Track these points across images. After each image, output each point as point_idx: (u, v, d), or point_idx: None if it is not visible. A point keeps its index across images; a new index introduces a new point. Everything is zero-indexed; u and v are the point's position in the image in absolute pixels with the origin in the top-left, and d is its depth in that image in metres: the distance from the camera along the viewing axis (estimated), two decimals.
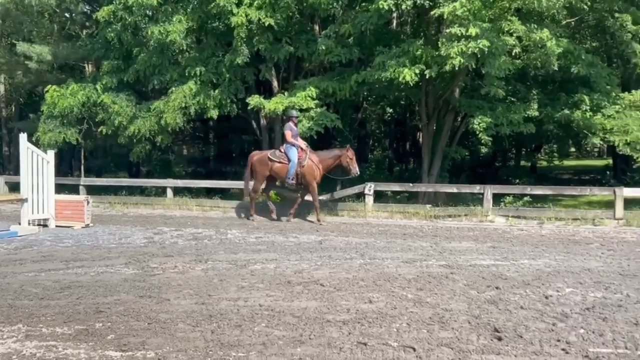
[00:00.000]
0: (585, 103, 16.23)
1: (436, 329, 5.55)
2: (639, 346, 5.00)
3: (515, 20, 14.17)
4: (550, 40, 14.12)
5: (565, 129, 19.73)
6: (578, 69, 15.38)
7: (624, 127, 15.88)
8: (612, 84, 16.90)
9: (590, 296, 6.73)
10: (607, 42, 20.10)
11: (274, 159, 14.01)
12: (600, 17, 17.30)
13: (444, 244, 10.69)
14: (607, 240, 11.09)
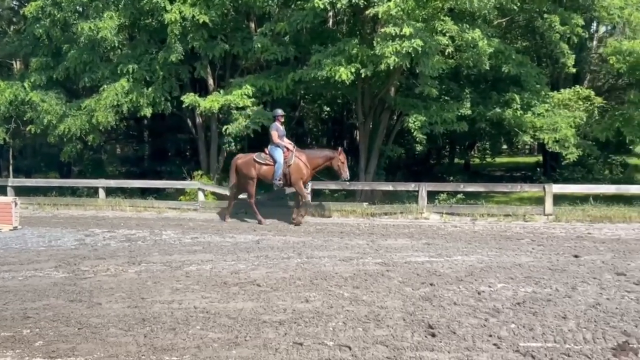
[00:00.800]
0: (516, 102, 16.68)
1: (372, 327, 5.59)
2: (567, 340, 5.15)
3: (448, 20, 14.41)
4: (482, 40, 14.44)
5: (497, 127, 20.19)
6: (509, 69, 15.77)
7: (553, 125, 16.39)
8: (541, 83, 17.41)
9: (521, 291, 6.91)
10: (537, 42, 20.69)
11: (260, 161, 13.52)
12: (530, 18, 17.80)
13: (380, 241, 10.78)
14: (537, 235, 11.40)
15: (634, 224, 12.64)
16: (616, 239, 10.89)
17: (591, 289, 6.96)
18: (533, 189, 15.70)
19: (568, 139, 16.18)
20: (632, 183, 19.27)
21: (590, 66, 23.59)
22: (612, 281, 7.35)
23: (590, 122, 17.73)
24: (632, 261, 8.65)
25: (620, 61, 16.45)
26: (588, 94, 17.82)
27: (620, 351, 4.82)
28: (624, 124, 16.73)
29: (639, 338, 5.14)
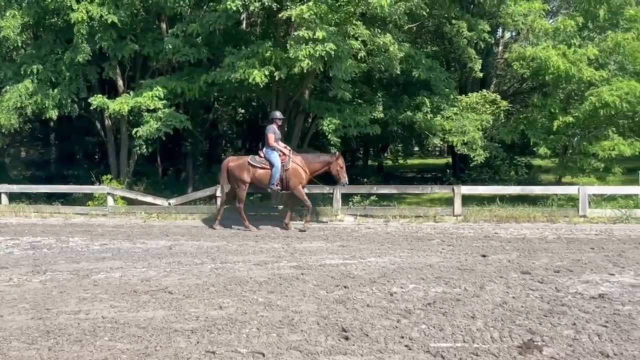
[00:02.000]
0: (426, 105, 17.10)
1: (286, 332, 5.55)
2: (475, 339, 5.28)
3: (360, 24, 14.61)
4: (393, 45, 14.72)
5: (408, 130, 20.63)
6: (419, 73, 16.13)
7: (462, 128, 16.90)
8: (450, 87, 17.95)
9: (432, 291, 7.04)
10: (446, 47, 21.28)
11: (255, 164, 13.01)
12: (439, 23, 18.30)
13: (296, 244, 10.78)
14: (447, 236, 11.70)
15: (538, 223, 13.17)
16: (521, 238, 11.31)
17: (498, 288, 7.18)
18: (443, 190, 16.11)
19: (476, 141, 16.72)
20: (536, 184, 20.11)
21: (497, 71, 24.50)
22: (518, 280, 7.61)
23: (496, 125, 18.40)
24: (537, 260, 9.00)
25: (524, 66, 17.16)
26: (494, 97, 18.48)
27: (525, 349, 4.98)
28: (528, 126, 17.45)
29: (543, 335, 5.33)
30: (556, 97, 17.41)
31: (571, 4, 19.54)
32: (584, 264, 8.62)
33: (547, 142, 16.96)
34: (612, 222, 13.05)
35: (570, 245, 10.31)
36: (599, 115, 15.91)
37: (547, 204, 15.08)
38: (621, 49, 16.18)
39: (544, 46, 16.37)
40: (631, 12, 16.67)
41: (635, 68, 16.70)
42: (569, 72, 15.75)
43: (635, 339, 5.23)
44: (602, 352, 4.90)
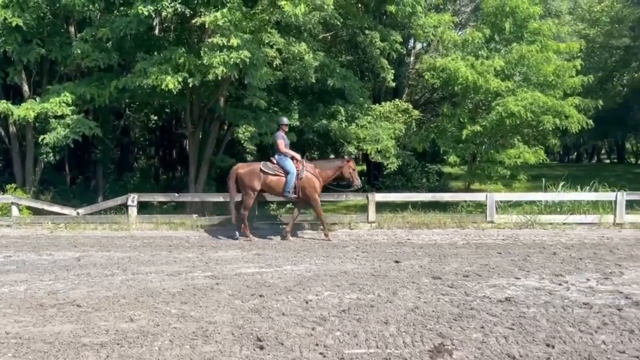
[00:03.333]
0: (341, 114, 17.33)
1: (199, 344, 5.46)
2: (388, 344, 5.35)
3: (275, 32, 14.65)
4: (308, 53, 14.83)
5: (324, 138, 20.84)
6: (334, 82, 16.32)
7: (375, 136, 17.21)
8: (364, 96, 18.25)
9: (347, 298, 7.10)
10: (360, 56, 21.63)
11: (267, 171, 12.44)
12: (353, 34, 18.58)
13: (211, 254, 10.63)
14: (361, 242, 11.85)
15: (448, 229, 13.55)
16: (433, 244, 11.59)
17: (410, 293, 7.32)
18: (357, 198, 16.28)
19: (389, 149, 17.08)
20: (446, 191, 20.75)
21: (409, 81, 25.13)
22: (429, 285, 7.79)
23: (408, 133, 18.86)
24: (447, 265, 9.24)
25: (434, 76, 17.66)
26: (407, 107, 18.95)
27: (436, 353, 5.10)
28: (439, 135, 17.95)
29: (453, 339, 5.47)
30: (465, 106, 18.00)
31: (479, 16, 20.28)
32: (491, 268, 8.92)
33: (457, 150, 17.49)
34: (518, 228, 13.59)
35: (478, 251, 10.65)
36: (505, 124, 16.56)
37: (457, 210, 15.55)
38: (526, 60, 16.93)
39: (453, 57, 16.92)
40: (535, 25, 17.48)
41: (539, 79, 17.50)
42: (477, 82, 16.33)
43: (540, 340, 5.44)
44: (509, 354, 5.07)
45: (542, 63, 17.03)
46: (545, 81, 17.36)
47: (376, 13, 18.83)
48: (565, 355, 5.03)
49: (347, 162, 12.88)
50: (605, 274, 8.45)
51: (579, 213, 14.12)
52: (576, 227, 13.40)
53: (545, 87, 17.38)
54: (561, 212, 14.35)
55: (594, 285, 7.70)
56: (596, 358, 4.95)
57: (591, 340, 5.42)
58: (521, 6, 16.96)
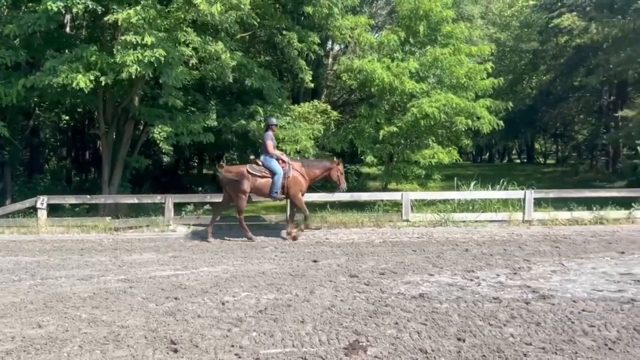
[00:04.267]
0: (259, 114, 17.25)
1: (111, 349, 5.31)
2: (304, 343, 5.37)
3: (191, 31, 14.42)
4: (225, 53, 14.69)
5: (243, 139, 20.66)
6: (252, 82, 16.23)
7: (294, 136, 17.23)
8: (282, 96, 18.23)
9: (264, 298, 7.08)
10: (278, 57, 21.65)
11: (255, 173, 12.26)
12: (271, 34, 18.52)
13: (124, 257, 10.36)
14: (280, 242, 11.85)
15: (365, 228, 13.73)
16: (350, 242, 11.72)
17: (327, 291, 7.37)
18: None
19: (308, 150, 17.13)
20: (364, 190, 21.01)
21: (327, 82, 25.33)
22: (346, 283, 7.87)
23: (327, 134, 18.96)
24: (364, 263, 9.36)
25: (351, 78, 17.84)
26: (325, 107, 19.06)
27: (351, 350, 5.15)
28: (357, 136, 18.13)
29: (368, 336, 5.54)
30: (382, 108, 18.25)
31: (394, 19, 20.65)
32: (406, 265, 9.10)
33: (374, 150, 17.72)
34: (432, 226, 13.91)
35: (394, 248, 10.84)
36: (420, 125, 16.90)
37: (374, 210, 15.76)
38: (439, 63, 17.33)
39: (370, 59, 17.14)
40: (448, 28, 17.93)
41: (452, 81, 17.95)
42: (393, 84, 16.60)
43: (451, 334, 5.59)
44: (422, 349, 5.18)
45: (455, 65, 17.48)
46: (458, 83, 17.83)
47: (294, 14, 18.86)
48: (475, 349, 5.18)
49: (336, 164, 12.91)
50: (514, 269, 8.77)
51: (490, 211, 14.60)
52: (487, 225, 13.84)
53: (458, 89, 17.84)
54: (473, 211, 14.81)
55: (504, 280, 7.98)
56: (504, 350, 5.12)
57: (500, 334, 5.61)
58: (435, 10, 17.36)
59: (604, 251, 10.25)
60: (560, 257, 9.70)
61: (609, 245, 10.94)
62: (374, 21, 23.02)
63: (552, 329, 5.74)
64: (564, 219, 14.04)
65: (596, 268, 8.78)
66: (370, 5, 26.32)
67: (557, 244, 11.07)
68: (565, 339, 5.43)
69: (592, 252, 10.14)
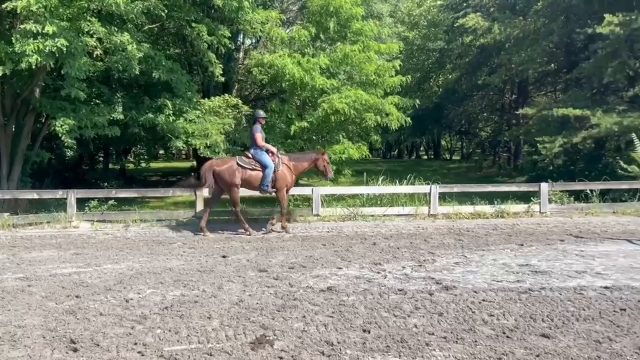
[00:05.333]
0: (168, 108, 16.86)
1: (6, 349, 5.09)
2: (210, 339, 5.31)
3: (95, 21, 13.92)
4: (131, 44, 14.28)
5: (151, 132, 20.13)
6: (159, 75, 15.83)
7: (204, 131, 16.97)
8: (192, 90, 17.88)
9: (170, 295, 6.95)
10: (188, 50, 21.24)
11: (245, 166, 12.19)
12: (180, 26, 18.14)
13: (23, 254, 9.92)
14: (189, 238, 11.66)
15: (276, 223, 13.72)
16: (260, 237, 11.70)
17: (235, 287, 7.32)
18: (185, 193, 15.99)
19: (218, 144, 16.92)
20: None
21: (238, 76, 25.10)
22: (255, 278, 7.85)
23: (238, 129, 18.81)
24: (274, 258, 9.36)
25: (262, 73, 17.79)
26: (236, 102, 18.87)
27: (258, 344, 5.14)
28: (268, 130, 18.04)
29: (275, 330, 5.55)
30: (293, 103, 18.31)
31: (305, 15, 20.71)
32: (315, 259, 9.18)
33: (286, 145, 17.72)
34: (342, 220, 14.07)
35: (304, 243, 10.91)
36: (330, 121, 17.07)
37: None
38: (349, 59, 17.54)
39: (281, 54, 17.15)
40: (357, 25, 18.17)
41: (362, 78, 18.22)
42: (304, 79, 16.67)
43: (357, 326, 5.67)
44: (328, 341, 5.23)
45: (365, 62, 17.74)
46: (368, 80, 18.11)
47: (203, 6, 18.51)
48: (379, 339, 5.28)
49: (321, 154, 12.99)
50: (419, 261, 9.01)
51: (397, 205, 14.93)
52: (395, 219, 14.13)
53: (368, 85, 18.13)
54: (381, 205, 15.10)
55: (409, 273, 8.18)
56: (408, 340, 5.24)
57: (404, 324, 5.74)
58: (344, 7, 17.54)
59: (504, 243, 10.69)
60: (463, 250, 10.04)
61: (509, 237, 11.42)
62: (285, 16, 23.00)
63: (454, 318, 5.93)
64: (467, 212, 14.54)
65: (496, 260, 9.15)
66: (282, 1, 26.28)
67: (460, 237, 11.46)
68: (466, 328, 5.62)
69: (493, 245, 10.56)
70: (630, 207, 15.24)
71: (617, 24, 19.58)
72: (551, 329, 5.58)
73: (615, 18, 19.62)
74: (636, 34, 20.19)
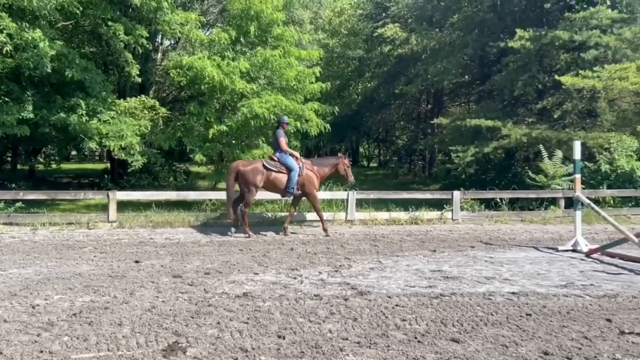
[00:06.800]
0: (81, 107, 16.34)
1: None
2: (120, 346, 5.16)
3: (5, 16, 13.38)
4: (44, 41, 13.79)
5: (63, 133, 19.45)
6: (73, 73, 15.36)
7: (119, 132, 16.55)
8: (107, 90, 17.42)
9: (79, 301, 6.72)
10: (103, 49, 20.66)
11: (271, 168, 12.47)
12: (96, 24, 17.64)
13: None
14: (100, 243, 11.31)
15: (192, 228, 13.54)
16: (176, 242, 11.48)
17: (148, 293, 7.15)
18: (98, 196, 15.55)
19: (134, 146, 16.55)
20: (193, 189, 20.70)
21: (156, 77, 24.64)
22: (169, 284, 7.69)
23: (155, 131, 18.46)
24: (189, 263, 9.21)
25: (181, 74, 17.52)
26: (153, 103, 18.54)
27: (170, 351, 5.03)
28: (185, 134, 17.82)
29: (188, 337, 5.45)
30: (212, 106, 18.10)
31: (226, 18, 20.55)
32: (232, 265, 9.10)
33: (203, 149, 17.53)
34: (260, 225, 14.02)
35: (221, 248, 10.80)
36: (250, 125, 17.00)
37: (202, 209, 15.60)
38: (269, 64, 17.52)
39: (200, 56, 16.94)
40: (278, 31, 18.18)
41: (282, 83, 18.23)
42: (223, 83, 16.53)
43: (272, 332, 5.65)
44: (242, 347, 5.18)
45: (285, 68, 17.76)
46: (288, 85, 18.14)
47: (121, 5, 18.09)
48: (294, 345, 5.28)
49: (342, 159, 13.53)
50: (335, 267, 9.09)
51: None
52: (313, 224, 14.21)
53: (288, 91, 18.16)
54: (299, 210, 15.12)
55: (325, 278, 8.23)
56: (322, 346, 5.26)
57: (319, 330, 5.76)
58: (265, 11, 17.52)
59: (417, 249, 10.94)
60: (379, 255, 10.21)
61: (422, 243, 11.70)
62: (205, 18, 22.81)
63: (368, 323, 6.00)
64: (383, 219, 14.80)
65: (410, 265, 9.34)
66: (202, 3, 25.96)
67: (376, 243, 11.65)
68: (379, 333, 5.71)
69: (407, 251, 10.79)
70: (537, 215, 15.93)
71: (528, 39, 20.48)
72: (461, 333, 5.73)
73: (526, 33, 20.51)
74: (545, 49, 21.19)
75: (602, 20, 20.26)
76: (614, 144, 18.52)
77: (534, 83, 21.95)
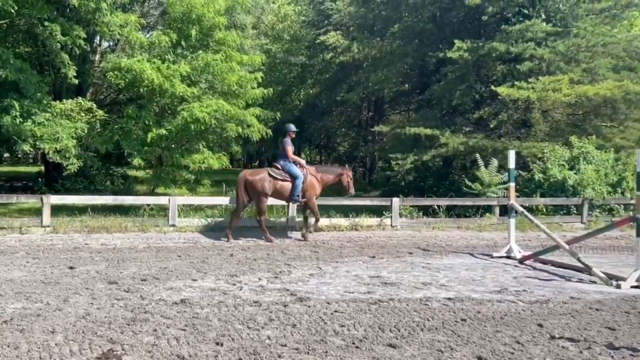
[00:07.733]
0: (15, 109, 15.83)
1: None
2: (53, 354, 5.01)
3: None
4: None
5: None
6: (7, 74, 14.91)
7: (54, 135, 16.12)
8: (42, 91, 16.93)
9: (10, 308, 6.50)
10: (39, 49, 20.09)
11: (277, 176, 12.77)
12: (31, 24, 17.16)
13: None
14: (33, 248, 10.97)
15: (129, 233, 13.30)
16: (112, 248, 11.25)
17: (83, 299, 6.98)
18: (31, 200, 15.08)
19: (69, 149, 16.16)
20: (131, 194, 20.31)
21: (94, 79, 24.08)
22: (105, 290, 7.52)
23: (92, 133, 18.07)
24: (125, 269, 9.03)
25: (119, 77, 17.21)
26: (90, 106, 18.13)
27: (104, 359, 4.93)
28: (123, 137, 17.52)
29: (124, 344, 5.34)
30: (151, 109, 17.85)
31: (167, 21, 20.30)
32: (170, 271, 8.96)
33: (142, 153, 17.26)
34: (200, 231, 13.88)
35: (159, 254, 10.62)
36: (190, 129, 16.83)
37: (140, 214, 15.31)
38: (211, 68, 17.42)
39: (139, 59, 16.70)
40: (220, 35, 18.09)
41: (224, 88, 18.14)
42: (163, 86, 16.34)
43: (210, 339, 5.59)
44: (179, 355, 5.11)
45: (227, 72, 17.69)
46: (229, 90, 18.07)
47: (58, 5, 17.63)
48: (232, 352, 5.23)
49: (347, 170, 13.98)
50: (275, 273, 9.07)
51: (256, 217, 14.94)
52: (253, 230, 14.15)
53: (229, 96, 18.08)
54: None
55: (265, 284, 8.20)
56: (260, 352, 5.24)
57: (257, 336, 5.73)
58: (207, 15, 17.42)
59: (357, 255, 11.03)
60: (319, 261, 10.24)
61: (362, 250, 11.80)
62: (145, 21, 22.46)
63: (307, 329, 6.01)
64: (323, 225, 14.84)
65: (350, 271, 9.41)
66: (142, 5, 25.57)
67: (316, 249, 11.69)
68: (317, 339, 5.72)
69: (347, 257, 10.86)
70: (473, 222, 16.29)
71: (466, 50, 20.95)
72: (398, 339, 5.80)
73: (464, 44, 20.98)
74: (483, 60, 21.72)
75: (537, 33, 20.90)
76: (547, 153, 19.09)
77: (472, 93, 22.47)
